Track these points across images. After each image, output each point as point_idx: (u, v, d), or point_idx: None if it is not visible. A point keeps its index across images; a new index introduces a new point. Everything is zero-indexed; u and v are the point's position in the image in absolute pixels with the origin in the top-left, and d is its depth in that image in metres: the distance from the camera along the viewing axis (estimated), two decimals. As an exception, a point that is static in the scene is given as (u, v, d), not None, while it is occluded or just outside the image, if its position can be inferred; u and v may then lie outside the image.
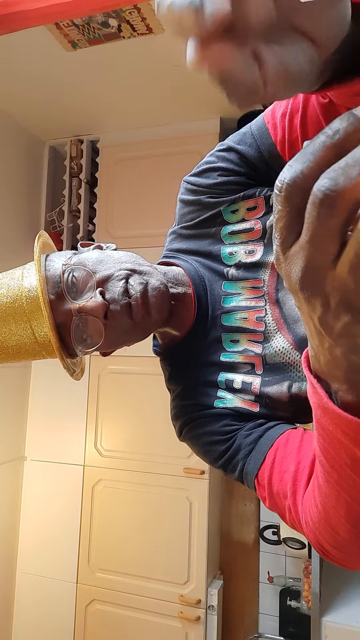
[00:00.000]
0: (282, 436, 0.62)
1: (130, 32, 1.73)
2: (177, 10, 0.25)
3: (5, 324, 0.63)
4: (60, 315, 0.62)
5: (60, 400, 2.31)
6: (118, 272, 0.64)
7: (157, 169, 2.30)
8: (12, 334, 0.63)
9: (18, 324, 0.62)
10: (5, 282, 0.65)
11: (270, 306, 0.68)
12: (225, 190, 0.72)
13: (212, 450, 0.68)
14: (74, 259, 0.66)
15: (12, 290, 0.63)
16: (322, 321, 0.28)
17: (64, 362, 0.64)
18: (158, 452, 2.09)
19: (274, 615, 2.15)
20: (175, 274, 0.72)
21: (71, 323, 0.63)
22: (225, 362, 0.70)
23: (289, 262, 0.26)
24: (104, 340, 0.63)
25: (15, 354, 0.65)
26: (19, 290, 0.62)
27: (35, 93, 2.14)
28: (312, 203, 0.23)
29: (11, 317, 0.62)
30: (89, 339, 0.64)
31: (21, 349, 0.64)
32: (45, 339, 0.62)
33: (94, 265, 0.65)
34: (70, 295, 0.63)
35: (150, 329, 0.66)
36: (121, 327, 0.63)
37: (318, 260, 0.25)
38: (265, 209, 0.70)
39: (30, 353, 0.64)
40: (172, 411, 0.75)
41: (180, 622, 1.98)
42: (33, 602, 2.23)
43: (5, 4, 1.38)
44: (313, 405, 0.37)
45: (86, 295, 0.63)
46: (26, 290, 0.62)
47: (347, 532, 0.46)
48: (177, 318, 0.71)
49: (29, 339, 0.63)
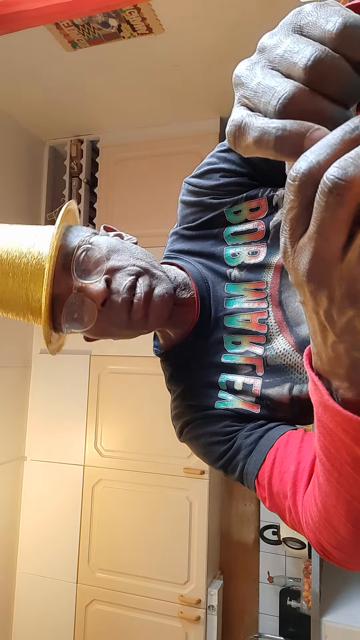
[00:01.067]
0: (282, 437, 0.62)
1: (130, 32, 1.73)
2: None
3: (3, 277, 0.61)
4: (59, 287, 0.61)
5: (60, 400, 2.31)
6: (131, 267, 0.64)
7: (157, 169, 2.30)
8: (6, 288, 0.62)
9: (16, 280, 0.61)
10: (19, 235, 0.63)
11: (273, 308, 0.68)
12: (227, 191, 0.71)
13: (212, 451, 0.68)
14: (93, 238, 0.65)
15: (22, 247, 0.62)
16: (327, 315, 0.28)
17: (47, 332, 0.62)
18: (158, 452, 2.09)
19: (274, 615, 2.15)
20: (183, 278, 0.71)
21: (67, 299, 0.62)
22: (226, 363, 0.70)
23: (296, 254, 0.26)
24: (93, 327, 0.63)
25: (2, 305, 0.63)
26: (29, 249, 0.61)
27: (35, 93, 2.14)
28: (321, 191, 0.23)
29: (11, 272, 0.61)
30: (80, 320, 0.63)
31: (11, 304, 0.63)
32: (37, 303, 0.61)
33: (109, 252, 0.64)
34: (77, 272, 0.62)
35: (142, 331, 0.65)
36: (115, 320, 0.63)
37: (325, 251, 0.25)
38: (268, 209, 0.69)
39: (15, 310, 0.63)
40: (173, 412, 0.74)
41: (180, 622, 1.98)
42: (33, 602, 2.23)
43: (5, 4, 1.39)
44: (314, 402, 0.37)
45: (92, 278, 0.62)
46: (36, 252, 0.61)
47: (347, 532, 0.46)
48: (179, 319, 0.71)
49: (21, 300, 0.61)
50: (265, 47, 0.27)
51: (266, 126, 0.25)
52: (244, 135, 0.26)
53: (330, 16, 0.24)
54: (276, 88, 0.25)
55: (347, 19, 0.24)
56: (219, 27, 1.70)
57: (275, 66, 0.26)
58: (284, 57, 0.25)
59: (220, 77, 1.94)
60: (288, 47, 0.25)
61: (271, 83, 0.25)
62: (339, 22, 0.24)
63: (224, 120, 2.26)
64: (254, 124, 0.25)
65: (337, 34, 0.24)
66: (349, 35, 0.24)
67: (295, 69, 0.24)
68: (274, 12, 0.29)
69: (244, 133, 0.26)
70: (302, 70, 0.24)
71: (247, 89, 0.27)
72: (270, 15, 0.38)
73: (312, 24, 0.25)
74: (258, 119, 0.25)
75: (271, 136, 0.25)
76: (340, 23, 0.24)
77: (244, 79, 0.27)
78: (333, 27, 0.24)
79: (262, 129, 0.25)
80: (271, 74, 0.26)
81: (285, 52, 0.25)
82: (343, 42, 0.24)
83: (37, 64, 1.93)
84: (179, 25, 1.69)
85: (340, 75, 0.24)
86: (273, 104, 0.25)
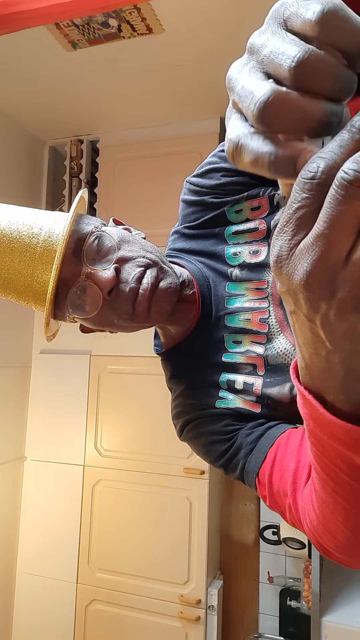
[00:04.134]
0: (283, 435, 0.62)
1: (130, 32, 1.73)
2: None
3: (9, 255, 0.61)
4: (66, 271, 0.61)
5: (60, 400, 2.31)
6: (140, 259, 0.64)
7: (157, 169, 2.30)
8: (11, 266, 0.61)
9: (22, 259, 0.60)
10: (30, 218, 0.63)
11: (274, 307, 0.67)
12: (228, 191, 0.71)
13: (213, 450, 0.68)
14: (104, 227, 0.66)
15: (34, 228, 0.61)
16: (324, 323, 0.26)
17: (48, 315, 0.62)
18: (158, 452, 2.09)
19: (274, 615, 2.15)
20: (187, 276, 0.71)
21: (73, 284, 0.62)
22: (227, 362, 0.70)
23: (294, 258, 0.25)
24: (96, 315, 0.62)
25: (2, 284, 0.62)
26: (40, 230, 0.61)
27: (35, 93, 2.14)
28: (339, 185, 0.22)
29: (19, 251, 0.61)
30: (83, 306, 0.63)
31: (12, 284, 0.62)
32: (41, 286, 0.60)
33: (120, 242, 0.65)
34: (88, 258, 0.62)
35: (144, 324, 0.65)
36: (119, 310, 0.63)
37: (333, 250, 0.24)
38: (270, 208, 0.69)
39: (17, 291, 0.62)
40: (173, 411, 0.74)
41: (180, 622, 1.98)
42: (33, 602, 2.23)
43: (5, 4, 1.39)
44: (304, 416, 0.35)
45: (102, 265, 0.62)
46: (46, 234, 0.61)
47: (346, 538, 0.46)
48: (181, 317, 0.71)
49: (25, 280, 0.61)
50: (254, 47, 0.27)
51: (259, 150, 0.25)
52: (240, 155, 0.26)
53: (310, 4, 0.24)
54: (254, 92, 0.25)
55: (325, 5, 0.23)
56: (219, 27, 1.70)
57: (263, 68, 0.26)
58: (270, 59, 0.25)
59: (221, 77, 1.93)
60: (273, 48, 0.25)
61: (251, 87, 0.25)
62: (317, 9, 0.23)
63: (224, 120, 2.26)
64: (248, 146, 0.26)
65: (316, 22, 0.23)
66: (329, 21, 0.23)
67: (281, 71, 0.24)
68: (274, 11, 0.29)
69: (241, 154, 0.26)
70: (287, 71, 0.24)
71: (234, 93, 0.27)
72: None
73: (294, 15, 0.25)
74: (253, 139, 0.26)
75: (265, 159, 0.25)
76: (319, 10, 0.23)
77: (232, 82, 0.28)
78: (312, 15, 0.23)
79: (256, 152, 0.25)
80: (256, 76, 0.26)
81: (271, 54, 0.25)
82: (324, 30, 0.23)
83: (37, 64, 1.93)
84: (179, 25, 1.69)
85: (326, 71, 0.24)
86: (251, 108, 0.25)
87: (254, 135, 0.26)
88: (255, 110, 0.25)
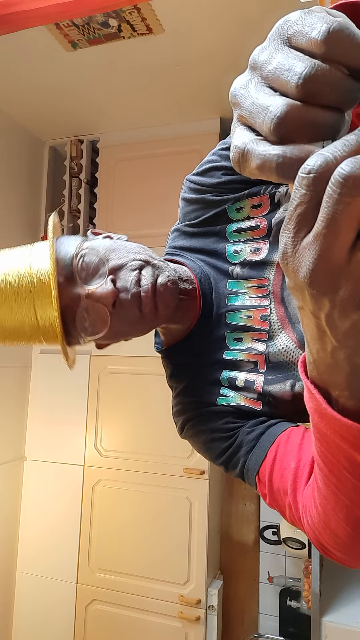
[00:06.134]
0: (283, 433, 0.62)
1: (130, 32, 1.73)
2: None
3: (6, 303, 0.60)
4: (66, 298, 0.60)
5: (60, 400, 2.31)
6: (132, 262, 0.63)
7: (157, 169, 2.30)
8: (12, 314, 0.60)
9: (20, 304, 0.59)
10: (11, 259, 0.62)
11: (275, 305, 0.68)
12: (229, 189, 0.71)
13: (213, 447, 0.68)
14: (86, 244, 0.65)
15: (18, 269, 0.60)
16: (329, 320, 0.27)
17: (64, 347, 0.61)
18: (158, 452, 2.09)
19: (274, 615, 2.15)
20: (184, 271, 0.71)
21: (76, 308, 0.61)
22: (228, 360, 0.70)
23: (298, 255, 0.25)
24: (108, 330, 0.62)
25: (10, 335, 0.62)
26: (26, 269, 0.60)
27: (35, 93, 2.14)
28: (335, 183, 0.22)
29: (14, 296, 0.59)
30: (93, 326, 0.62)
31: (19, 331, 0.61)
32: (47, 322, 0.59)
33: (107, 253, 0.64)
34: (81, 279, 0.61)
35: (154, 323, 0.65)
36: (127, 318, 0.63)
37: (333, 249, 0.24)
38: (271, 206, 0.69)
39: (27, 336, 0.62)
40: (174, 408, 0.74)
41: (180, 622, 1.98)
42: (33, 602, 2.23)
43: (5, 4, 1.39)
44: (310, 410, 0.36)
45: (96, 282, 0.62)
46: (34, 271, 0.59)
47: (346, 535, 0.46)
48: (182, 315, 0.71)
49: (30, 321, 0.60)
50: (257, 64, 0.27)
51: (267, 154, 0.25)
52: (247, 161, 0.27)
53: (315, 23, 0.24)
54: (269, 107, 0.25)
55: (331, 25, 0.24)
56: (219, 27, 1.70)
57: (268, 83, 0.26)
58: (276, 75, 0.25)
59: (221, 77, 1.94)
60: (279, 64, 0.25)
61: (265, 102, 0.26)
62: (323, 29, 0.24)
63: (224, 120, 2.26)
64: (255, 151, 0.26)
65: (322, 41, 0.24)
66: (335, 41, 0.24)
67: (288, 87, 0.25)
68: (274, 12, 0.29)
69: (247, 160, 0.27)
70: (295, 88, 0.24)
71: (242, 109, 0.27)
72: (270, 15, 0.38)
73: (299, 33, 0.25)
74: (259, 145, 0.26)
75: (272, 163, 0.25)
76: (325, 30, 0.24)
77: (239, 98, 0.28)
78: (318, 35, 0.24)
79: (263, 156, 0.25)
80: (264, 92, 0.26)
81: (276, 70, 0.25)
82: (330, 48, 0.24)
83: (37, 64, 1.94)
84: (179, 25, 1.70)
85: (333, 85, 0.24)
86: (267, 124, 0.25)
87: (260, 141, 0.26)
88: (273, 125, 0.25)
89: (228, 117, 2.24)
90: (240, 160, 0.27)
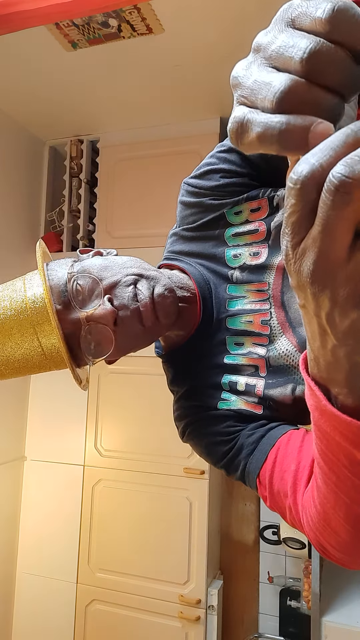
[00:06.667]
0: (284, 436, 0.62)
1: (130, 32, 1.73)
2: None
3: (10, 338, 0.60)
4: (68, 324, 0.61)
5: (60, 400, 2.31)
6: (125, 278, 0.63)
7: (157, 169, 2.30)
8: (18, 347, 0.60)
9: (24, 336, 0.60)
10: (6, 294, 0.62)
11: (275, 309, 0.67)
12: (228, 192, 0.71)
13: (214, 451, 0.68)
14: (76, 266, 0.65)
15: (15, 302, 0.60)
16: (329, 318, 0.27)
17: (74, 372, 0.62)
18: (158, 452, 2.09)
19: (274, 615, 2.15)
20: (180, 278, 0.71)
21: (79, 332, 0.61)
22: (229, 364, 0.70)
23: (299, 257, 0.26)
24: (114, 348, 0.62)
25: (21, 368, 0.62)
26: (22, 301, 0.60)
27: (36, 93, 2.14)
28: (327, 190, 0.22)
29: (16, 330, 0.60)
30: (99, 347, 0.62)
31: (28, 362, 0.61)
32: (53, 350, 0.60)
33: (100, 272, 0.64)
34: (77, 304, 0.61)
35: (158, 334, 0.65)
36: (131, 333, 0.63)
37: (331, 251, 0.24)
38: (269, 210, 0.69)
39: (37, 366, 0.62)
40: (175, 412, 0.74)
41: (180, 622, 1.98)
42: (33, 602, 2.23)
43: (5, 4, 1.38)
44: (310, 407, 0.37)
45: (94, 303, 0.62)
46: (31, 301, 0.60)
47: (346, 533, 0.47)
48: (183, 321, 0.70)
49: (36, 351, 0.61)
50: (260, 46, 0.27)
51: (269, 121, 0.24)
52: (246, 131, 0.26)
53: (319, 3, 0.24)
54: (272, 82, 0.25)
55: (336, 4, 0.23)
56: (219, 26, 1.70)
57: (271, 63, 0.26)
58: (280, 53, 0.25)
59: (221, 77, 1.94)
60: (283, 43, 0.25)
61: (267, 78, 0.25)
62: (327, 7, 0.23)
63: (224, 120, 2.26)
64: (256, 119, 0.25)
65: (326, 20, 0.23)
66: (339, 20, 0.23)
67: (292, 63, 0.24)
68: (274, 11, 0.29)
69: (247, 129, 0.26)
70: (299, 63, 0.24)
71: (244, 88, 0.27)
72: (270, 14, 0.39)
73: (303, 14, 0.25)
74: (260, 114, 0.25)
75: (275, 130, 0.24)
76: (329, 8, 0.23)
77: (240, 79, 0.27)
78: (322, 14, 0.24)
79: (265, 123, 0.25)
80: (267, 70, 0.26)
81: (280, 48, 0.25)
82: (334, 27, 0.24)
83: (37, 64, 1.93)
84: (179, 25, 1.69)
85: (337, 65, 0.24)
86: (270, 97, 0.24)
87: (260, 112, 0.25)
88: (275, 98, 0.24)
89: (228, 117, 2.24)
90: (238, 131, 0.26)
